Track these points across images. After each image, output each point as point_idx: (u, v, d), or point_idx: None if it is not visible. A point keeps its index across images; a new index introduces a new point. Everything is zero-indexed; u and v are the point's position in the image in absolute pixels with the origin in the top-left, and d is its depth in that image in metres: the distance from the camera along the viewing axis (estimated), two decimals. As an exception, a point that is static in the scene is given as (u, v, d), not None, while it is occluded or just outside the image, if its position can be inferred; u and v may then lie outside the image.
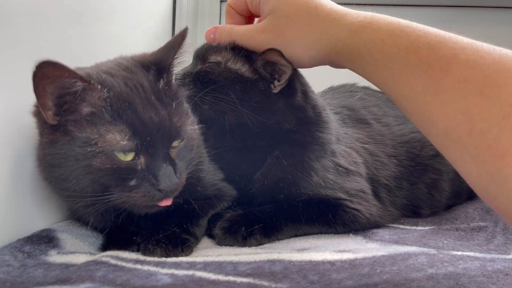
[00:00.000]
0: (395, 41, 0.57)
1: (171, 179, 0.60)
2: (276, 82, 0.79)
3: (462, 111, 0.49)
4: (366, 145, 0.93)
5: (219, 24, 1.59)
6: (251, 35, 0.73)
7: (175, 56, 0.66)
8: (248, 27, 0.75)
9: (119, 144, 0.57)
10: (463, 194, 1.03)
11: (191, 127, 0.66)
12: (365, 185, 0.86)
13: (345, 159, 0.87)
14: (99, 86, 0.58)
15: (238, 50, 0.80)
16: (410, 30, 0.57)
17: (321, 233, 0.78)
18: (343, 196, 0.81)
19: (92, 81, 0.57)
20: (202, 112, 0.77)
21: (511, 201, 0.47)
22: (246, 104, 0.79)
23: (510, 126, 0.45)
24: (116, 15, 0.99)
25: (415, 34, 0.56)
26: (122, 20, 1.02)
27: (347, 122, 0.96)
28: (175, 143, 0.63)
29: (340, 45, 0.63)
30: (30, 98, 0.62)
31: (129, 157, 0.59)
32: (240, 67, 0.80)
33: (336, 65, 0.67)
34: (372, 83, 0.62)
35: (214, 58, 0.81)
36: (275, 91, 0.80)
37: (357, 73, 0.64)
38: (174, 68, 0.68)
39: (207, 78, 0.80)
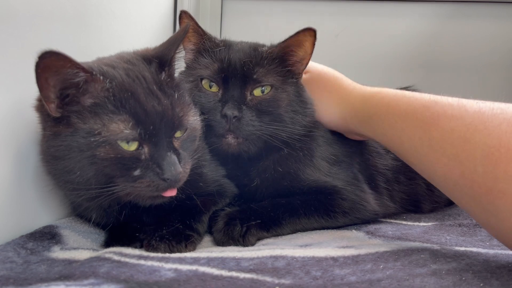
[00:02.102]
0: (397, 104, 0.68)
1: (175, 168, 0.60)
2: (301, 68, 0.83)
3: (453, 157, 0.57)
4: None
5: (220, 24, 1.59)
6: None
7: (177, 50, 0.66)
8: None
9: (122, 133, 0.57)
10: None
11: (194, 117, 0.66)
12: (358, 175, 0.87)
13: (339, 149, 0.88)
14: (101, 77, 0.58)
15: (275, 61, 0.80)
16: (410, 95, 0.68)
17: (321, 226, 0.78)
18: (340, 184, 0.82)
19: (94, 72, 0.58)
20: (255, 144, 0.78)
21: (508, 229, 0.53)
22: (298, 117, 0.80)
23: (491, 164, 0.53)
24: (118, 14, 0.98)
25: (414, 97, 0.67)
26: (124, 18, 1.02)
27: None
28: (178, 134, 0.63)
29: (355, 110, 0.78)
30: (32, 94, 0.62)
31: (133, 146, 0.59)
32: (283, 82, 0.80)
33: (350, 129, 0.81)
34: (381, 142, 0.74)
35: (267, 81, 0.79)
36: (299, 76, 0.83)
37: (368, 135, 0.77)
38: (176, 62, 0.68)
39: (269, 108, 0.78)
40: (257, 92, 0.78)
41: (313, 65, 0.87)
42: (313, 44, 0.80)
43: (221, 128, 0.75)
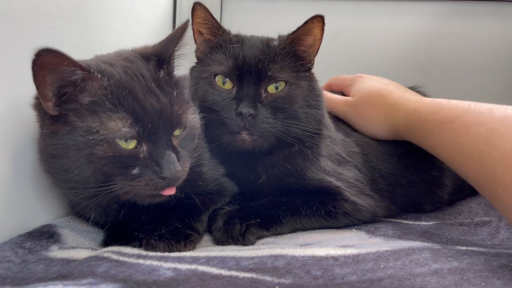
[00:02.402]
0: (433, 117, 0.75)
1: (174, 166, 0.59)
2: (312, 55, 0.83)
3: (478, 161, 0.64)
4: (365, 138, 0.93)
5: (219, 22, 1.58)
6: (339, 102, 0.94)
7: (176, 48, 0.66)
8: (338, 96, 0.97)
9: (120, 131, 0.57)
10: (466, 189, 1.02)
11: (193, 116, 0.66)
12: (361, 176, 0.86)
13: (344, 148, 0.87)
14: (99, 75, 0.58)
15: (288, 56, 0.79)
16: (446, 106, 0.74)
17: (321, 226, 0.77)
18: (343, 185, 0.81)
19: (91, 70, 0.57)
20: (267, 140, 0.77)
21: None
22: (313, 111, 0.80)
23: (508, 164, 0.58)
24: (117, 12, 0.98)
25: (450, 108, 0.73)
26: (123, 17, 1.01)
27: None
28: (177, 132, 0.63)
29: (400, 125, 0.84)
30: (30, 93, 0.62)
31: (131, 145, 0.58)
32: (297, 77, 0.80)
33: (401, 138, 0.87)
34: (426, 149, 0.80)
35: (281, 77, 0.77)
36: (311, 65, 0.84)
37: (416, 143, 0.83)
38: (175, 60, 0.68)
39: (284, 105, 0.77)
40: (271, 88, 0.78)
41: (361, 86, 0.93)
42: (322, 30, 0.80)
43: (236, 126, 0.75)
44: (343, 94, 1.00)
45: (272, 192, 0.80)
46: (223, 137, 0.77)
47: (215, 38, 0.82)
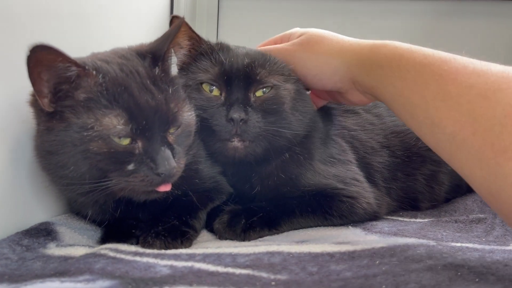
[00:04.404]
0: (412, 55, 0.63)
1: (169, 162, 0.60)
2: None
3: (468, 113, 0.54)
4: (352, 132, 0.91)
5: (217, 22, 1.59)
6: (287, 46, 0.82)
7: (171, 45, 0.66)
8: (282, 44, 0.84)
9: (115, 129, 0.57)
10: (463, 188, 1.03)
11: (188, 113, 0.66)
12: (358, 173, 0.86)
13: (334, 148, 0.87)
14: (94, 72, 0.58)
15: (277, 63, 0.78)
16: (425, 50, 0.63)
17: (317, 226, 0.78)
18: (340, 186, 0.81)
19: (86, 67, 0.57)
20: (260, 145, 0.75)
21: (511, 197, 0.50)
22: (300, 116, 0.79)
23: (511, 124, 0.50)
24: (115, 13, 0.98)
25: (430, 52, 0.62)
26: (121, 18, 1.02)
27: (332, 114, 0.95)
28: (172, 129, 0.63)
29: (362, 58, 0.71)
30: (27, 91, 0.62)
31: (126, 141, 0.59)
32: (285, 80, 0.79)
33: (356, 80, 0.74)
34: (387, 96, 0.68)
35: (269, 81, 0.76)
36: None
37: (374, 88, 0.70)
38: (170, 56, 0.68)
39: (273, 106, 0.76)
40: (259, 93, 0.77)
41: (308, 29, 0.82)
42: None
43: (227, 133, 0.73)
44: None
45: (267, 201, 0.79)
46: (213, 146, 0.75)
47: (197, 48, 0.80)
